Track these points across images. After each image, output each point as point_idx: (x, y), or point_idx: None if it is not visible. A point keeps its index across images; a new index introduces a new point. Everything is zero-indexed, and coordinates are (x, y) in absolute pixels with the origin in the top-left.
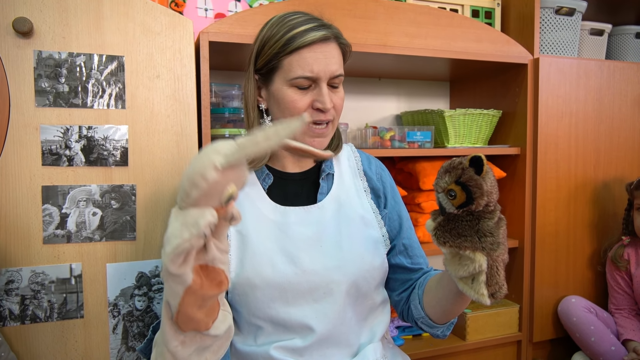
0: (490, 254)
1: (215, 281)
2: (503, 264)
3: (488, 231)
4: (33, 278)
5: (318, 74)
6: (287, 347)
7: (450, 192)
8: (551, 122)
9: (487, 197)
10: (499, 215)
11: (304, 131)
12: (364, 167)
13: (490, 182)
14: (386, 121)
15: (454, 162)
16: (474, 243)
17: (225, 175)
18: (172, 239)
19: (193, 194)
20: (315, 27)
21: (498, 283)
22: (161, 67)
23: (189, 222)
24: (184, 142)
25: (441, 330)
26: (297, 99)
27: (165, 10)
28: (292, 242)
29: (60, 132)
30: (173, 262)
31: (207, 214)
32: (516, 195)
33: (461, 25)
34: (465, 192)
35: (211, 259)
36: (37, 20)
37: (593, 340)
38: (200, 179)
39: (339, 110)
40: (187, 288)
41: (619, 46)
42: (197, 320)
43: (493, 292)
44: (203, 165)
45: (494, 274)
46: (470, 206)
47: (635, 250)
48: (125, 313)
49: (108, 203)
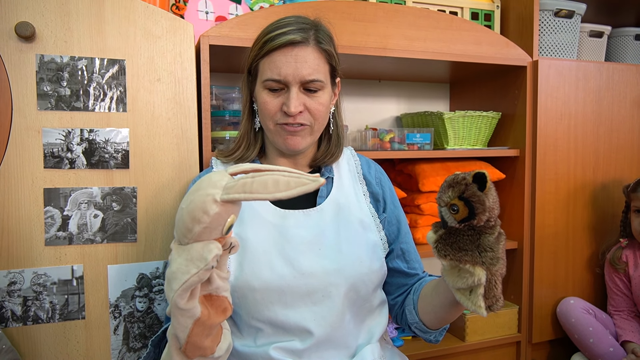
0: (489, 268)
1: (220, 309)
2: (501, 278)
3: (488, 246)
4: (35, 279)
5: (286, 77)
6: (286, 348)
7: (452, 206)
8: (550, 124)
9: (489, 213)
10: (499, 231)
11: (277, 131)
12: (363, 171)
13: (492, 198)
14: (386, 123)
15: (457, 177)
16: (474, 257)
17: (226, 208)
18: (179, 275)
19: (196, 229)
20: (290, 31)
21: (495, 296)
22: (162, 71)
23: (194, 257)
24: (185, 145)
25: (434, 335)
26: (268, 101)
27: (166, 14)
28: (291, 245)
29: (62, 135)
30: (181, 297)
31: (214, 248)
32: (515, 197)
33: (460, 28)
34: (468, 208)
35: (215, 288)
36: (39, 24)
37: (592, 341)
38: (202, 214)
39: (316, 115)
40: (196, 320)
41: (619, 48)
42: (204, 348)
43: (490, 305)
44: (203, 200)
45: (492, 287)
46: (472, 221)
47: (634, 253)
48: (126, 314)
49: (109, 205)
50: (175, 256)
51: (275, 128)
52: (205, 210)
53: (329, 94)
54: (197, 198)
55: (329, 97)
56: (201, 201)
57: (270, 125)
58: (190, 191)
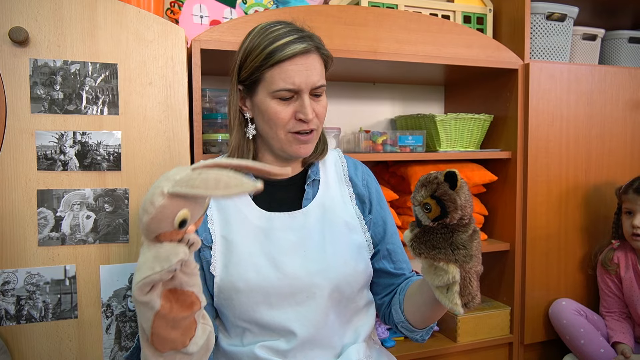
0: (462, 266)
1: (186, 303)
2: (477, 275)
3: (461, 244)
4: (28, 279)
5: (299, 86)
6: (271, 347)
7: (425, 205)
8: (542, 127)
9: (461, 211)
10: (473, 228)
11: (290, 140)
12: (349, 173)
13: (464, 196)
14: (381, 125)
15: (430, 177)
16: (448, 255)
17: (173, 201)
18: (143, 270)
19: (144, 219)
20: (297, 40)
21: (471, 293)
22: (153, 75)
23: (161, 256)
24: (176, 147)
25: (420, 334)
26: (280, 111)
27: (158, 19)
28: (276, 248)
29: (55, 138)
30: (140, 291)
31: (180, 251)
32: (507, 199)
33: (451, 31)
34: (440, 206)
35: (179, 284)
36: (33, 29)
37: (582, 342)
38: (149, 204)
39: (321, 118)
40: (156, 313)
41: (613, 51)
42: (172, 340)
43: (466, 302)
44: (153, 192)
45: (467, 284)
46: (445, 219)
47: (625, 254)
48: (118, 314)
49: (101, 206)
50: (145, 250)
51: (287, 137)
52: (152, 201)
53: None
54: (150, 190)
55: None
56: (151, 193)
57: (281, 134)
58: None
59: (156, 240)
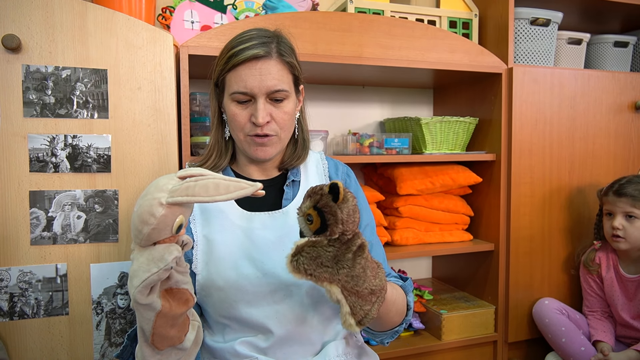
0: (345, 286)
1: (182, 300)
2: (369, 293)
3: (345, 263)
4: (21, 277)
5: (252, 90)
6: (251, 342)
7: (309, 216)
8: (525, 129)
9: (342, 225)
10: (358, 245)
11: (248, 142)
12: (330, 173)
13: (347, 210)
14: (370, 128)
15: (315, 188)
16: (333, 275)
17: (172, 210)
18: (140, 273)
19: (145, 231)
20: (255, 45)
21: (363, 310)
22: (142, 79)
23: (156, 257)
24: (164, 150)
25: (380, 338)
26: (237, 113)
27: (146, 26)
28: (255, 247)
29: (46, 141)
30: (142, 293)
31: (174, 250)
32: (492, 200)
33: (435, 36)
34: (321, 218)
35: (174, 282)
36: (25, 36)
37: (564, 340)
38: (149, 216)
39: (282, 124)
40: (158, 313)
41: (598, 55)
42: (170, 338)
43: (359, 320)
44: (150, 204)
45: (355, 304)
46: (326, 233)
47: (606, 255)
48: (108, 311)
49: (92, 207)
50: (138, 256)
51: (246, 139)
52: (152, 213)
53: (294, 102)
54: (145, 202)
55: (293, 105)
56: (148, 205)
57: (240, 136)
58: (141, 195)
59: (151, 246)
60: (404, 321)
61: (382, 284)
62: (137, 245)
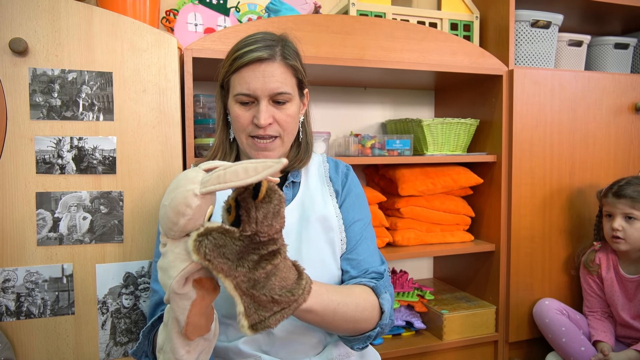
0: (239, 285)
1: (211, 288)
2: (271, 301)
3: (247, 262)
4: (28, 277)
5: (255, 92)
6: (255, 341)
7: (229, 207)
8: (526, 131)
9: (256, 225)
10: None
11: (250, 144)
12: (330, 173)
13: (264, 212)
14: (372, 129)
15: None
16: (230, 269)
17: (205, 200)
18: (178, 264)
19: (181, 222)
20: (259, 48)
21: (258, 315)
22: (147, 82)
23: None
24: (169, 152)
25: (352, 344)
26: (240, 114)
27: (151, 29)
28: None
29: (53, 143)
30: (179, 284)
31: None
32: (493, 201)
33: (436, 39)
34: (237, 213)
35: (203, 273)
36: (32, 40)
37: (564, 340)
38: (185, 207)
39: (284, 126)
40: (193, 301)
41: (598, 57)
42: (201, 327)
43: (253, 324)
44: (185, 196)
45: (250, 307)
46: (238, 228)
47: (606, 255)
48: (113, 310)
49: (97, 208)
50: (173, 247)
51: (248, 141)
52: (188, 204)
53: (297, 105)
54: (179, 194)
55: (297, 108)
56: (183, 197)
57: (243, 138)
58: (170, 189)
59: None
60: (378, 325)
61: (292, 298)
62: (169, 239)
